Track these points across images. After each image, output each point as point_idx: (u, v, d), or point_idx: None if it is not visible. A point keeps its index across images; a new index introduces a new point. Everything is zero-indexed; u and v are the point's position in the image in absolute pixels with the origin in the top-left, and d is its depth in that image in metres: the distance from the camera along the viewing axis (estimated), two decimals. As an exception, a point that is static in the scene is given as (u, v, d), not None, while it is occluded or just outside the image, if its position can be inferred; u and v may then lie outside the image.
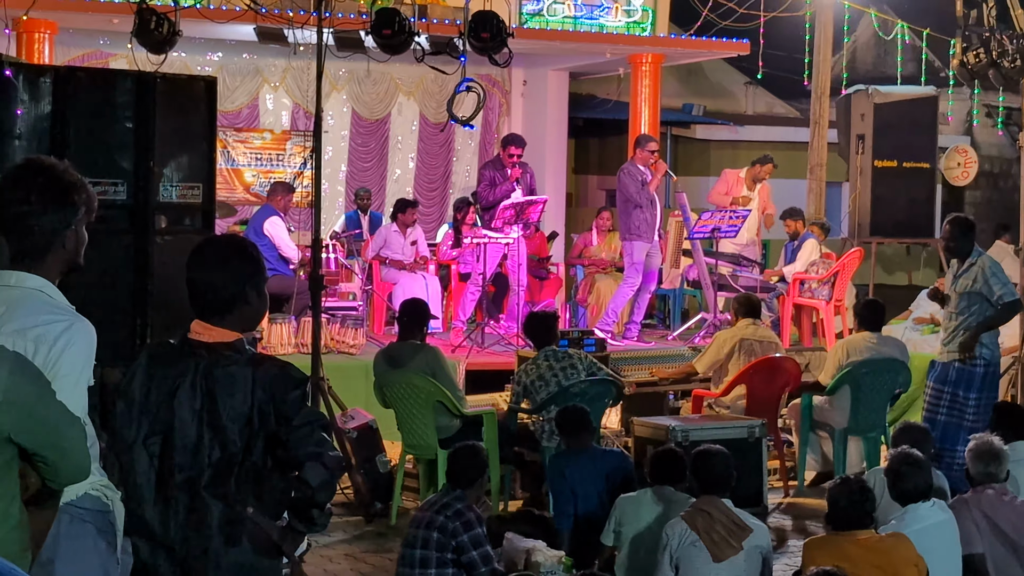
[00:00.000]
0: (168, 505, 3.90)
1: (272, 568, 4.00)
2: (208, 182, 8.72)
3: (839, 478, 6.83)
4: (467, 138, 17.96)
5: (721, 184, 15.34)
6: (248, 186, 16.85)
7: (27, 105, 8.03)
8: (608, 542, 7.13)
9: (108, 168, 8.23)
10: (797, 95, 20.91)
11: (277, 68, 16.68)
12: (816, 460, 10.59)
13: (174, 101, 8.55)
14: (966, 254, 9.50)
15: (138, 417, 3.96)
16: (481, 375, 11.89)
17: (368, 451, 9.36)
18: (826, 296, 14.01)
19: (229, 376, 3.89)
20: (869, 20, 19.78)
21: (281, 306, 12.69)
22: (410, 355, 9.20)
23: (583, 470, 7.85)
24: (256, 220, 13.19)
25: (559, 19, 16.08)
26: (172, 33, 10.44)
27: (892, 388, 10.34)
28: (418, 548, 6.62)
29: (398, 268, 14.06)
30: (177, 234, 8.50)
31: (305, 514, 3.94)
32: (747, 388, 10.36)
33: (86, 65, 14.65)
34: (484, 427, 9.10)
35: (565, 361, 9.33)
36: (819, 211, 16.49)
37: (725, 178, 15.33)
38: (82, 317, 3.79)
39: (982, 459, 6.93)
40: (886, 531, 6.31)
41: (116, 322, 8.02)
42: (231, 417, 3.86)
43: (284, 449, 3.89)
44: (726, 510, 6.47)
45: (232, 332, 3.97)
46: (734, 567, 6.35)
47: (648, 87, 16.54)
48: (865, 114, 16.03)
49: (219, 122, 9.98)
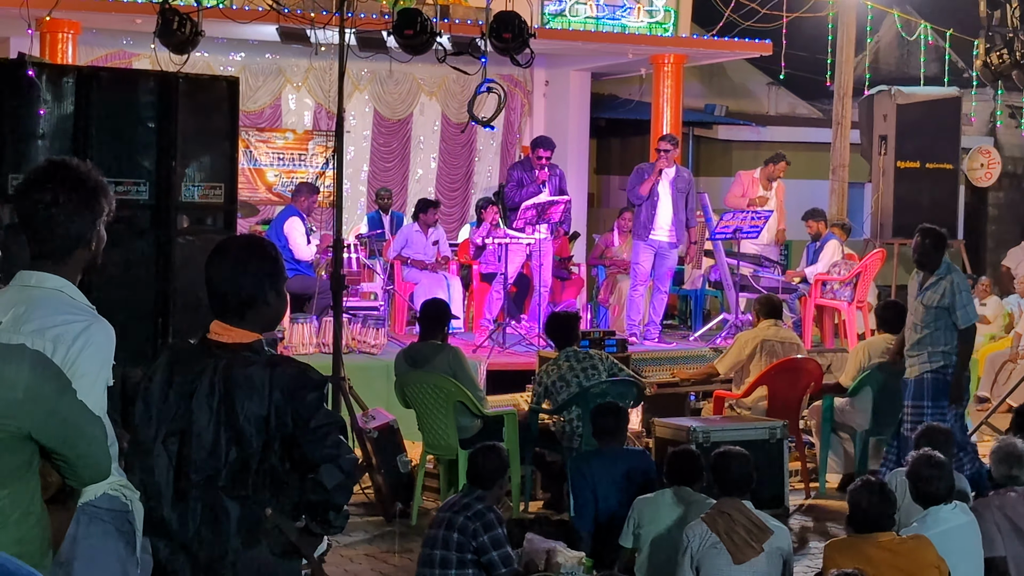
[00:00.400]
0: (186, 505, 3.90)
1: (290, 569, 4.00)
2: (230, 182, 8.73)
3: (860, 480, 6.79)
4: (489, 138, 17.94)
5: (736, 187, 15.26)
6: (270, 186, 16.87)
7: (50, 105, 8.05)
8: (627, 544, 7.11)
9: (130, 168, 8.25)
10: (820, 96, 20.84)
11: (300, 68, 16.69)
12: (838, 462, 10.55)
13: (196, 101, 8.56)
14: (936, 266, 9.41)
15: (157, 417, 3.96)
16: (502, 375, 11.87)
17: (389, 451, 9.35)
18: (848, 297, 13.96)
19: (247, 377, 3.88)
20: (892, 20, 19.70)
21: (303, 306, 12.70)
22: (431, 355, 9.18)
23: (604, 470, 7.83)
24: (277, 220, 13.21)
25: (581, 19, 16.07)
26: (195, 33, 10.44)
27: (914, 390, 10.28)
28: (438, 548, 6.61)
29: (420, 268, 14.06)
30: (199, 234, 8.51)
31: (322, 516, 3.94)
32: (768, 389, 10.33)
33: (109, 65, 14.68)
34: (505, 427, 9.08)
35: (586, 362, 9.32)
36: (841, 212, 16.43)
37: (740, 180, 15.25)
38: (101, 317, 3.79)
39: (1006, 461, 6.90)
40: (907, 533, 6.28)
41: (138, 322, 8.05)
42: (248, 418, 3.86)
43: (300, 451, 3.88)
44: (747, 512, 6.45)
45: (251, 333, 3.97)
46: (755, 569, 6.32)
47: (670, 87, 16.50)
48: (888, 115, 15.97)
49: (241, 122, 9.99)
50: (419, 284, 13.94)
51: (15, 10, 11.01)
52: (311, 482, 3.90)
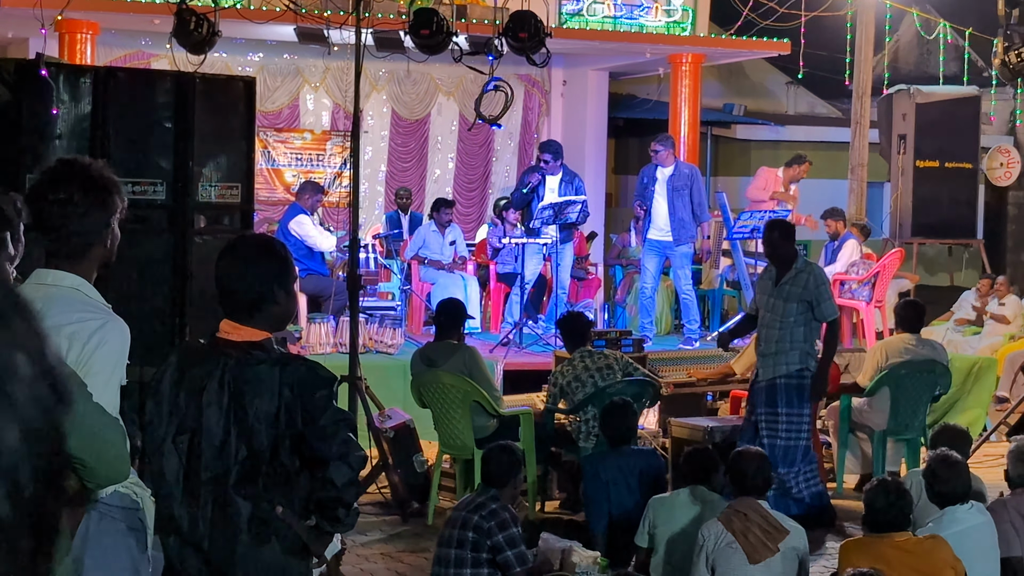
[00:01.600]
0: (196, 503, 3.92)
1: (301, 567, 4.00)
2: (247, 182, 8.75)
3: (876, 480, 6.78)
4: (507, 139, 17.96)
5: (760, 179, 15.26)
6: (288, 186, 16.89)
7: (67, 105, 8.08)
8: (642, 543, 7.11)
9: (147, 168, 8.28)
10: (839, 95, 20.79)
11: (317, 68, 16.72)
12: (855, 461, 10.53)
13: (213, 101, 8.58)
14: (791, 259, 9.02)
15: (167, 416, 3.97)
16: (519, 375, 11.89)
17: (405, 451, 9.38)
18: (866, 297, 13.93)
19: (256, 375, 3.89)
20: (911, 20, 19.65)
21: (320, 306, 12.74)
22: (447, 355, 9.19)
23: (617, 470, 7.84)
24: (283, 221, 13.25)
25: (599, 19, 16.05)
26: (212, 33, 10.45)
27: (931, 390, 10.27)
28: (453, 548, 6.62)
29: (437, 268, 14.08)
30: (216, 234, 8.54)
31: (332, 513, 3.94)
32: (785, 389, 10.31)
33: (128, 65, 14.73)
34: (521, 427, 9.09)
35: (601, 361, 9.32)
36: (860, 212, 16.39)
37: (763, 174, 15.25)
38: (116, 316, 3.81)
39: (1022, 460, 6.88)
40: (923, 533, 6.27)
41: (155, 321, 8.08)
42: (258, 416, 3.87)
43: (310, 448, 3.89)
44: (763, 512, 6.44)
45: (260, 331, 3.97)
46: (770, 569, 6.32)
47: (688, 87, 16.49)
48: (907, 114, 15.93)
49: (259, 122, 10.04)
50: (436, 284, 13.96)
51: (29, 10, 11.05)
52: (321, 480, 3.91)
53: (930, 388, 10.23)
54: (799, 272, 8.96)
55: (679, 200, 13.15)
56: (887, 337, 11.76)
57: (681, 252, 13.36)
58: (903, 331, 10.39)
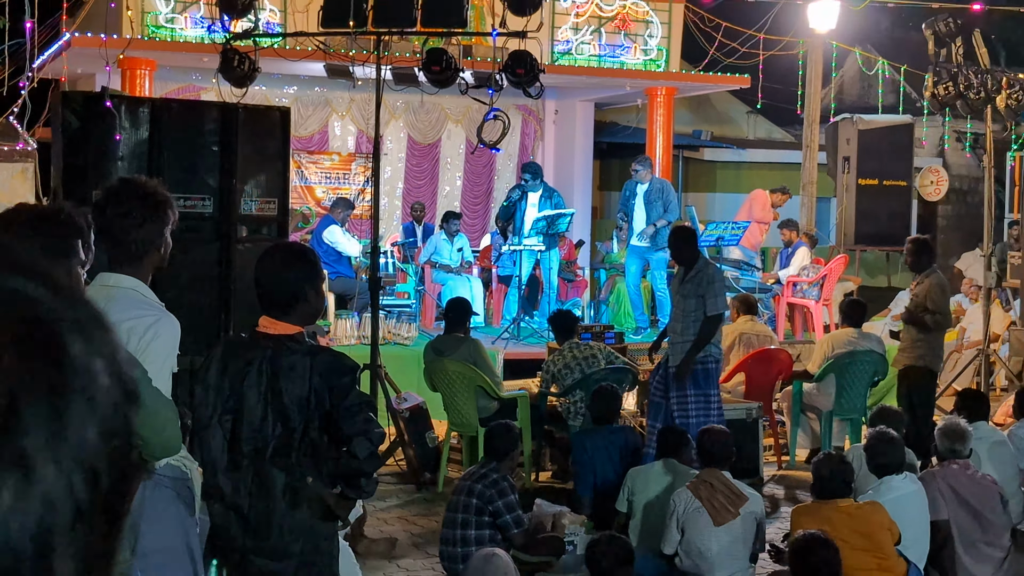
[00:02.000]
0: (239, 474, 3.92)
1: (328, 529, 4.00)
2: (282, 197, 8.73)
3: (823, 454, 6.79)
4: (506, 160, 17.93)
5: (759, 202, 15.61)
6: (319, 201, 16.90)
7: (128, 132, 8.06)
8: (622, 508, 7.10)
9: (197, 185, 8.26)
10: (791, 122, 20.79)
11: (344, 100, 16.70)
12: (806, 438, 10.53)
13: (254, 128, 8.56)
14: (694, 260, 8.80)
15: (213, 399, 3.98)
16: (517, 363, 11.87)
17: (419, 428, 9.36)
18: (815, 296, 13.92)
19: (290, 364, 3.89)
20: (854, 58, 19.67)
21: (346, 304, 12.74)
22: (455, 346, 9.19)
23: (601, 445, 7.83)
24: (317, 230, 13.26)
25: (586, 57, 16.08)
26: (252, 70, 10.43)
27: (871, 376, 10.26)
28: (459, 512, 6.62)
29: (446, 271, 14.07)
30: (256, 242, 8.50)
31: (354, 482, 3.95)
32: (746, 375, 10.31)
33: (181, 97, 14.72)
34: (518, 408, 9.08)
35: (587, 351, 9.32)
36: (810, 223, 16.39)
37: (762, 198, 15.65)
38: (169, 313, 3.81)
39: (949, 437, 6.87)
40: (864, 500, 6.27)
41: (203, 318, 8.06)
42: (291, 399, 3.87)
43: (336, 426, 3.89)
44: (726, 481, 6.44)
45: (294, 326, 3.97)
46: (732, 530, 6.32)
47: (662, 115, 16.48)
48: (850, 139, 15.91)
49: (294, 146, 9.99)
50: (445, 285, 13.95)
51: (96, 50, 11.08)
52: (345, 453, 3.91)
53: (870, 375, 10.22)
54: (699, 271, 8.73)
55: (653, 211, 13.14)
56: (833, 331, 11.73)
57: (658, 257, 13.34)
58: (847, 326, 10.38)
